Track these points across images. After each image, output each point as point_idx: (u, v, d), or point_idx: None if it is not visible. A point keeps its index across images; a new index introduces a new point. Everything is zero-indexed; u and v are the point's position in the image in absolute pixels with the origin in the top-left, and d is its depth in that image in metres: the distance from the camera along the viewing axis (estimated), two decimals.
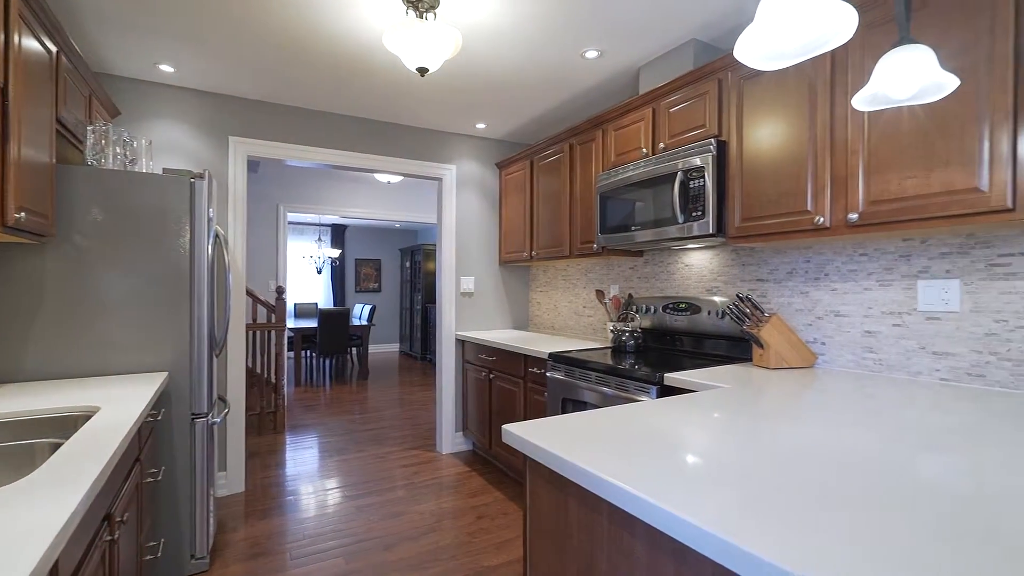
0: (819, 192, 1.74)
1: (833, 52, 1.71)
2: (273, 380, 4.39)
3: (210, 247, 2.13)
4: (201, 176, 2.09)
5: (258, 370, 5.03)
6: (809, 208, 1.77)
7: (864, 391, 1.56)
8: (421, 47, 1.86)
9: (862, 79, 1.62)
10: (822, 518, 0.69)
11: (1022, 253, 1.52)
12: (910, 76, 1.10)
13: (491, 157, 3.93)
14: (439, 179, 3.73)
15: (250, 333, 4.55)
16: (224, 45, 2.41)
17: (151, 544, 1.80)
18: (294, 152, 3.20)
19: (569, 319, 3.58)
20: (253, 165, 5.20)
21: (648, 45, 2.41)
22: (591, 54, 2.49)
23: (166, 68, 2.66)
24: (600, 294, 2.98)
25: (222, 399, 2.57)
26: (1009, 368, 1.54)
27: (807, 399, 1.45)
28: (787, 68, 1.84)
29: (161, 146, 2.85)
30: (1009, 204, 1.31)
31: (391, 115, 3.38)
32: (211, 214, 2.17)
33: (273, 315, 4.35)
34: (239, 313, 3.02)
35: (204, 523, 2.08)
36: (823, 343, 2.03)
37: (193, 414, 2.06)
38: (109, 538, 1.12)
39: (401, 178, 5.81)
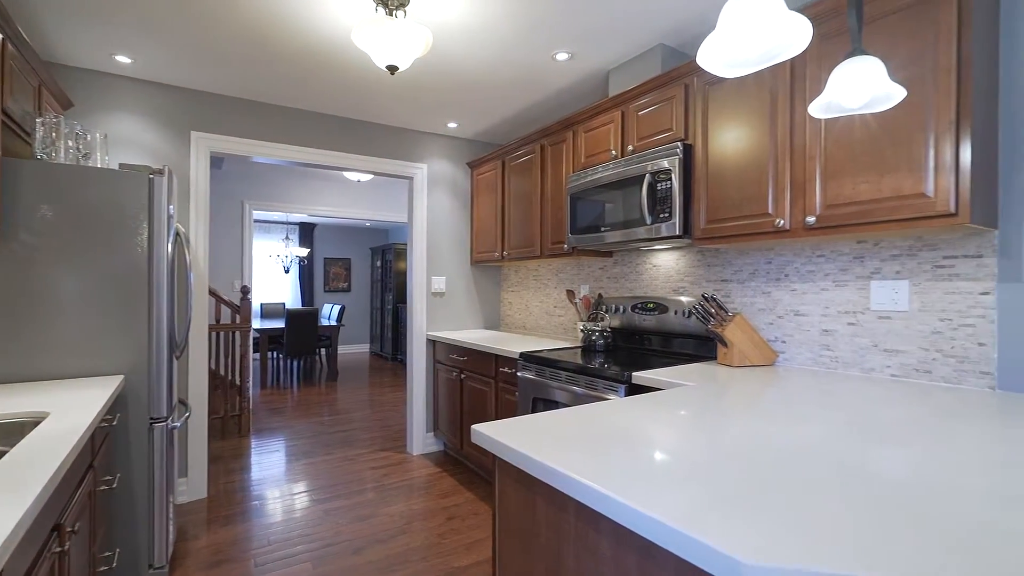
0: (779, 195, 1.80)
1: (792, 61, 1.77)
2: (238, 382, 4.27)
3: (170, 246, 2.06)
4: (160, 172, 2.01)
5: (222, 372, 4.88)
6: (770, 211, 1.83)
7: (821, 388, 1.62)
8: (391, 45, 1.84)
9: (818, 88, 1.69)
10: (776, 509, 0.72)
11: (964, 255, 1.61)
12: (861, 86, 1.16)
13: (463, 156, 3.92)
14: (410, 178, 3.70)
15: (213, 334, 4.41)
16: (186, 36, 2.33)
17: (106, 554, 1.73)
18: (260, 148, 3.12)
19: (540, 319, 3.60)
20: (217, 161, 5.05)
21: (617, 48, 2.45)
22: (561, 56, 2.51)
23: (123, 59, 2.55)
24: (571, 294, 3.01)
25: (183, 403, 2.49)
26: (953, 364, 1.63)
27: (767, 396, 1.50)
28: (749, 76, 1.90)
29: (118, 140, 2.73)
30: (952, 209, 1.38)
31: (361, 112, 3.34)
32: (171, 211, 2.10)
33: (238, 315, 4.23)
34: (201, 314, 2.93)
35: (163, 531, 2.01)
36: (783, 341, 2.10)
37: (152, 418, 1.98)
38: (59, 549, 1.07)
39: (371, 176, 5.73)
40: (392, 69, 1.91)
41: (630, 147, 2.42)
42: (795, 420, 1.21)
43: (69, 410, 1.41)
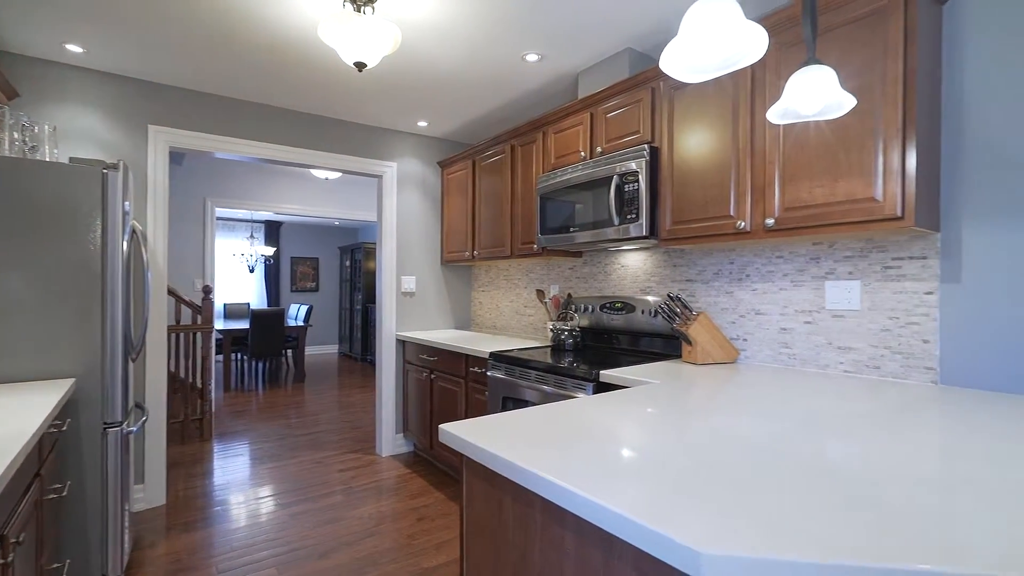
0: (741, 198, 1.86)
1: (753, 68, 1.83)
2: (199, 385, 4.13)
3: (125, 243, 1.98)
4: (115, 167, 1.93)
5: (182, 375, 4.71)
6: (732, 213, 1.89)
7: (779, 384, 1.68)
8: (358, 41, 1.82)
9: (777, 94, 1.76)
10: (733, 500, 0.74)
11: (911, 257, 1.70)
12: (815, 94, 1.21)
13: (433, 155, 3.89)
14: (379, 176, 3.66)
15: (173, 335, 4.25)
16: (142, 26, 2.24)
17: (55, 566, 1.65)
18: (223, 144, 3.03)
19: (511, 319, 3.62)
20: (177, 157, 4.87)
21: (586, 51, 2.48)
22: (532, 57, 2.53)
23: (74, 48, 2.43)
24: (541, 294, 3.03)
25: (140, 406, 2.39)
26: (900, 360, 1.72)
27: (729, 392, 1.55)
28: (712, 81, 1.95)
29: (69, 134, 2.61)
30: (899, 212, 1.46)
31: (329, 109, 3.28)
32: (127, 208, 2.02)
33: (199, 316, 4.09)
34: (159, 314, 2.82)
35: (117, 540, 1.93)
36: (745, 339, 2.17)
37: (105, 423, 1.90)
38: (1, 561, 1.02)
39: (340, 175, 5.63)
40: (360, 66, 1.89)
41: (599, 149, 2.46)
42: (753, 415, 1.25)
43: (13, 416, 1.34)
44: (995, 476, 0.84)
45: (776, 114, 1.32)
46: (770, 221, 1.75)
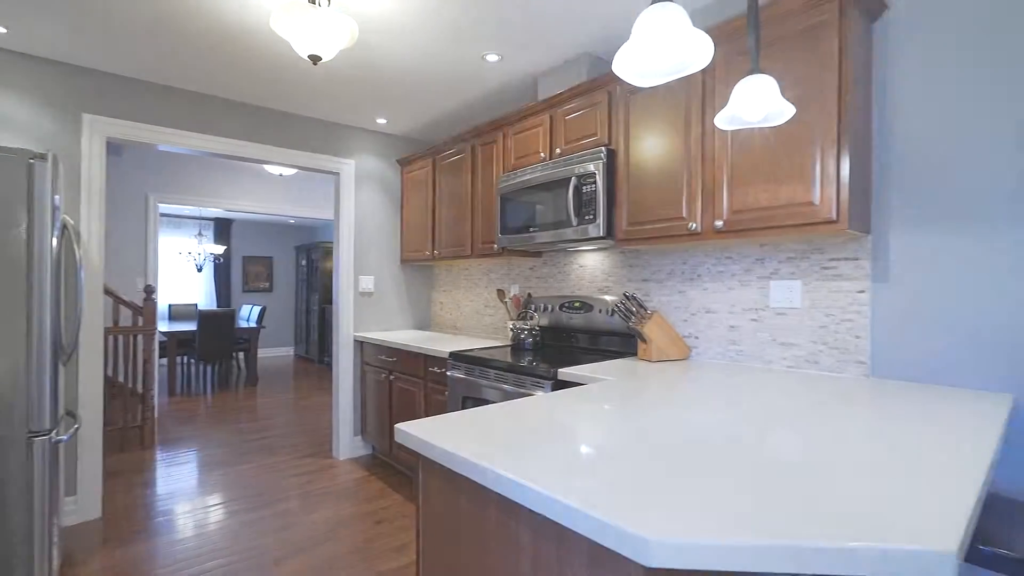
0: (692, 200, 1.92)
1: (703, 75, 1.90)
2: (140, 390, 3.91)
3: (55, 240, 1.86)
4: (42, 157, 1.81)
5: (122, 379, 4.45)
6: (684, 215, 1.95)
7: (726, 380, 1.76)
8: (313, 34, 1.77)
9: (725, 101, 1.83)
10: (681, 489, 0.77)
11: (845, 258, 1.81)
12: (759, 102, 1.27)
13: (393, 153, 3.84)
14: (336, 173, 3.57)
15: (111, 338, 4.01)
16: (72, 4, 2.10)
17: None
18: (167, 136, 2.88)
19: (471, 318, 3.61)
20: (116, 148, 4.60)
21: (545, 54, 2.51)
22: (492, 57, 2.54)
23: None
24: (501, 293, 3.04)
25: (71, 413, 2.24)
26: (836, 356, 1.82)
27: (679, 388, 1.60)
28: (665, 87, 2.01)
29: None
30: (834, 216, 1.55)
31: (282, 103, 3.17)
32: (57, 202, 1.89)
33: (141, 317, 3.88)
34: (95, 315, 2.66)
35: (44, 556, 1.80)
36: (696, 337, 2.25)
37: (31, 432, 1.77)
38: None
39: (295, 171, 5.46)
40: (314, 59, 1.84)
41: (558, 150, 2.49)
42: (702, 410, 1.30)
43: None
44: (903, 457, 0.91)
45: (723, 120, 1.37)
46: (719, 223, 1.83)
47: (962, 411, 1.27)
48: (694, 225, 1.91)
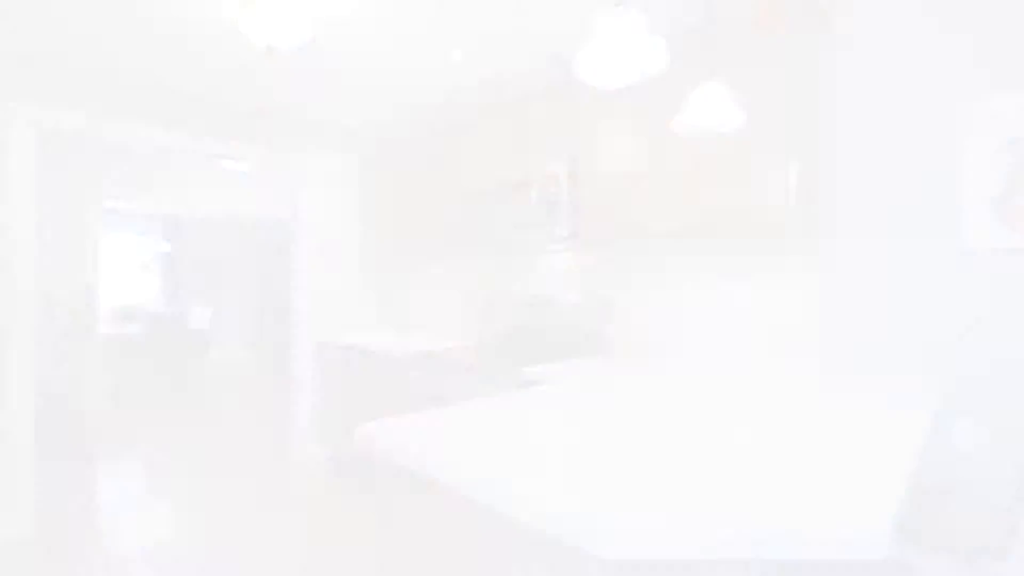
0: (654, 203, 1.96)
1: (664, 81, 1.95)
2: (78, 397, 3.67)
3: None
4: None
5: (56, 387, 4.16)
6: (647, 217, 1.99)
7: (688, 379, 1.79)
8: (268, 23, 1.71)
9: (684, 107, 1.87)
10: (637, 480, 0.78)
11: (798, 261, 1.88)
12: (714, 109, 1.31)
13: (358, 151, 3.75)
14: (297, 171, 3.46)
15: (43, 341, 3.74)
16: None
17: None
18: (107, 127, 2.71)
19: (440, 319, 3.57)
20: (50, 139, 4.31)
21: (510, 57, 2.50)
22: (457, 57, 2.51)
23: None
24: (471, 293, 3.01)
25: None
26: (790, 353, 1.90)
27: (641, 389, 1.62)
28: (627, 91, 2.05)
29: None
30: (786, 221, 1.61)
31: (238, 94, 3.04)
32: None
33: (78, 319, 3.64)
34: (22, 317, 2.47)
35: None
36: (661, 338, 2.30)
37: None
38: None
39: (252, 167, 5.26)
40: (270, 50, 1.78)
41: (525, 152, 2.49)
42: (661, 409, 1.32)
43: None
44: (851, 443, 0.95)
45: (681, 126, 1.41)
46: (680, 225, 1.87)
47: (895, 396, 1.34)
48: (656, 227, 1.95)
